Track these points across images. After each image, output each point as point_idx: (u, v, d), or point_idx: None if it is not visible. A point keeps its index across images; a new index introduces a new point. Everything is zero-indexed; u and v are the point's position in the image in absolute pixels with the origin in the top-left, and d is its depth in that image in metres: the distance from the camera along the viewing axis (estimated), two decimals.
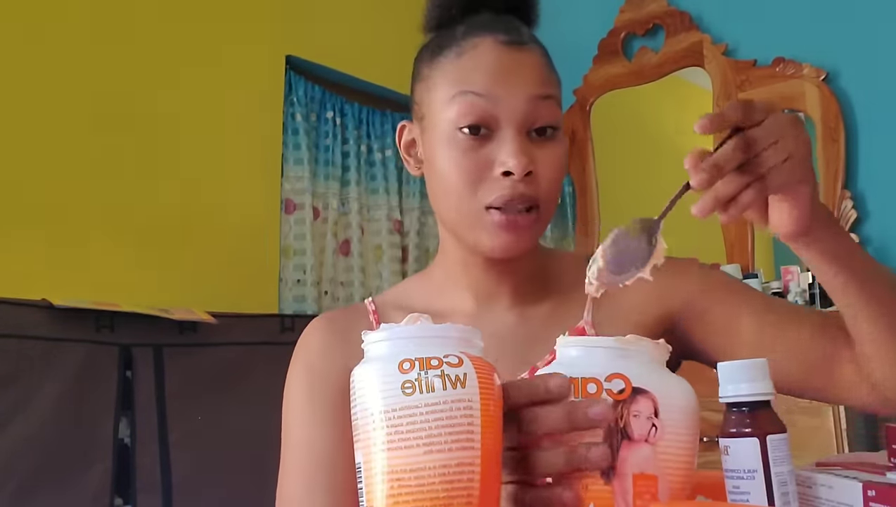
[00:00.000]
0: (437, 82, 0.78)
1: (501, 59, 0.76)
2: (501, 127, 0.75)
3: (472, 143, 0.75)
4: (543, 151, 0.76)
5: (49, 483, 1.83)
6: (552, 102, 0.77)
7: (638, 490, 0.49)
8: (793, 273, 2.45)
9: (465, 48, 0.77)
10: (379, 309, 0.87)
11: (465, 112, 0.74)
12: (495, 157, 0.74)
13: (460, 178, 0.75)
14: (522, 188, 0.73)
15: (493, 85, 0.74)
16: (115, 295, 2.13)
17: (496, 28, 0.78)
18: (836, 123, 2.54)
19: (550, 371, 0.54)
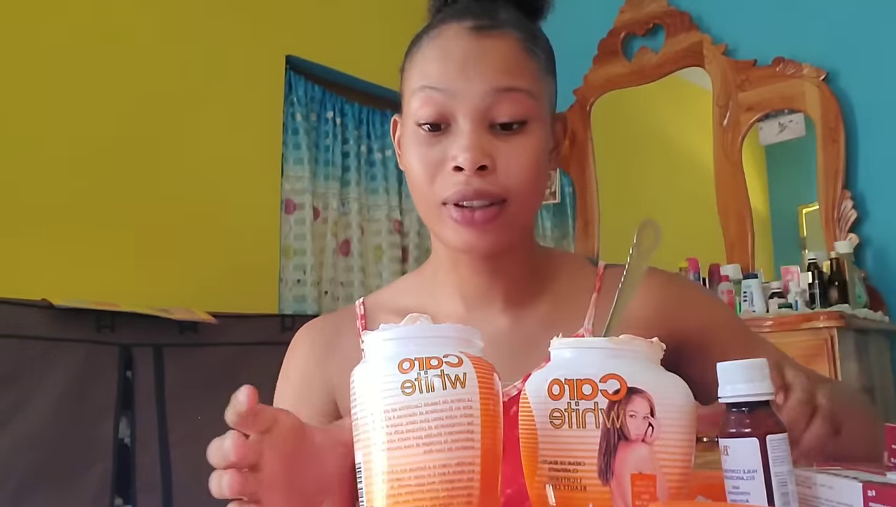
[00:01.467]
0: (408, 74, 0.76)
1: (462, 48, 0.72)
2: (458, 120, 0.71)
3: (432, 138, 0.72)
4: (508, 145, 0.71)
5: (49, 483, 1.83)
6: (519, 94, 0.71)
7: (636, 490, 0.49)
8: (793, 273, 2.45)
9: (432, 37, 0.74)
10: (368, 312, 0.85)
11: (423, 107, 0.72)
12: (449, 150, 0.71)
13: (421, 173, 0.73)
14: (477, 183, 0.70)
15: (450, 77, 0.71)
16: (116, 295, 2.13)
17: (467, 14, 0.74)
18: (836, 123, 2.53)
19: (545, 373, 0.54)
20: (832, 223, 2.51)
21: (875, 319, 2.27)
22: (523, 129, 0.72)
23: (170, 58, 2.52)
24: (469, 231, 0.72)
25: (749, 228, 2.72)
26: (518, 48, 0.73)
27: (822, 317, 2.10)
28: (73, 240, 2.21)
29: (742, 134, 2.76)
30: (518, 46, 0.73)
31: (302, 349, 0.85)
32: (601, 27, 3.14)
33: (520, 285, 0.80)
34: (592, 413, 0.50)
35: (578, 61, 3.15)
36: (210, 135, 2.59)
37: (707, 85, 2.87)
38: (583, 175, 3.18)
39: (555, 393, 0.52)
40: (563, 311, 0.80)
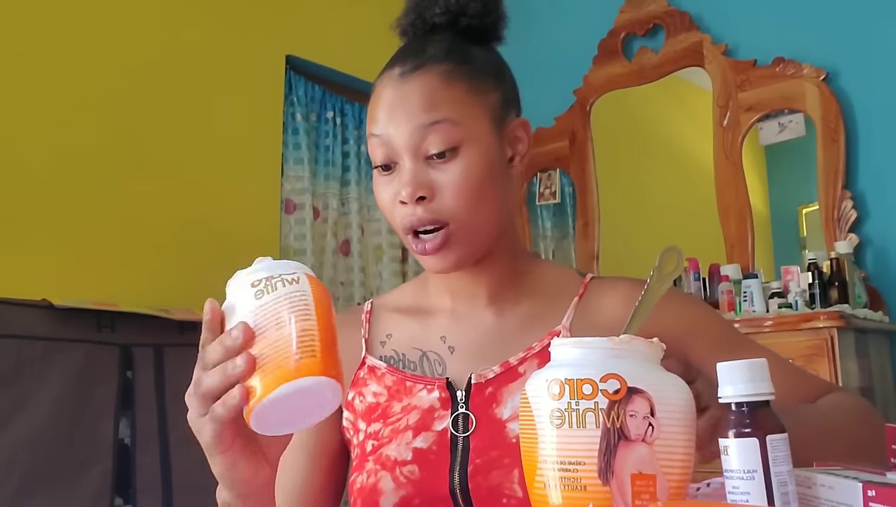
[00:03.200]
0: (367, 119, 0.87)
1: (391, 95, 0.81)
2: (400, 159, 0.80)
3: (385, 178, 0.82)
4: (443, 173, 0.79)
5: (49, 483, 1.83)
6: (441, 124, 0.79)
7: (636, 490, 0.49)
8: (792, 273, 2.45)
9: (374, 86, 0.85)
10: (374, 310, 0.94)
11: (373, 153, 0.82)
12: (397, 188, 0.81)
13: (384, 208, 0.83)
14: (420, 212, 0.79)
15: (385, 124, 0.80)
16: (116, 295, 2.13)
17: (397, 61, 0.83)
18: (837, 123, 2.53)
19: (545, 373, 0.54)
20: (832, 223, 2.51)
21: (875, 319, 2.27)
22: (455, 154, 0.79)
23: (170, 58, 2.52)
24: (428, 258, 0.81)
25: (749, 228, 2.72)
26: (437, 81, 0.80)
27: (822, 317, 2.10)
28: (73, 240, 2.21)
29: (742, 134, 2.76)
30: (437, 80, 0.81)
31: None
32: (601, 27, 3.14)
33: (503, 285, 0.88)
34: (593, 413, 0.50)
35: (578, 61, 3.15)
36: (210, 135, 2.60)
37: (707, 85, 2.87)
38: (583, 175, 3.18)
39: (555, 393, 0.52)
40: (543, 310, 0.86)
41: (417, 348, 0.87)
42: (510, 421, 0.77)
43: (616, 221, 3.16)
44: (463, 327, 0.87)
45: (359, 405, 0.86)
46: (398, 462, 0.79)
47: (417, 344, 0.87)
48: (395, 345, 0.89)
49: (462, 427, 0.79)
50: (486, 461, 0.76)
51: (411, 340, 0.88)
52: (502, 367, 0.81)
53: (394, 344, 0.89)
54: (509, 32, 0.93)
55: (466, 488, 0.76)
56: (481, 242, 0.83)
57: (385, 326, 0.91)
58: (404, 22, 0.89)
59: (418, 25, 0.87)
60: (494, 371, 0.81)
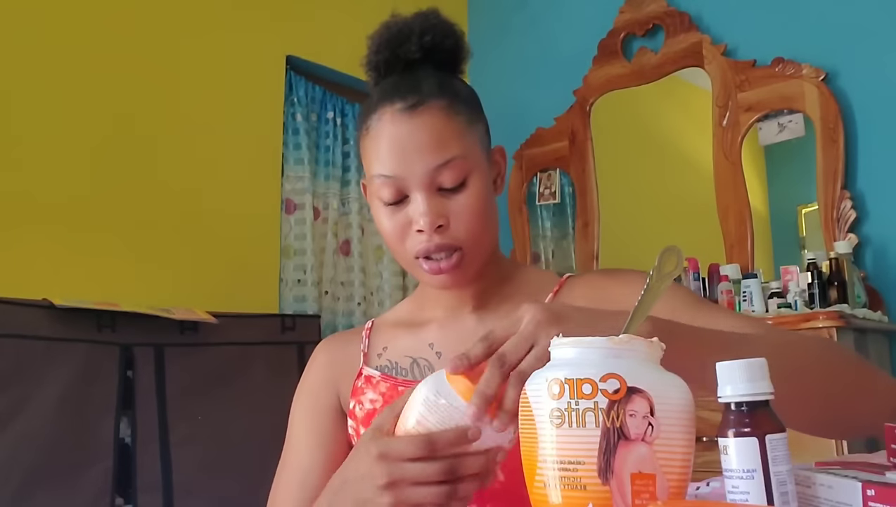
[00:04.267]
0: (364, 153, 0.91)
1: (398, 133, 0.85)
2: (413, 191, 0.86)
3: (394, 209, 0.87)
4: (455, 203, 0.86)
5: (50, 482, 1.83)
6: (454, 162, 0.85)
7: (636, 489, 0.49)
8: (792, 273, 2.45)
9: (372, 123, 0.87)
10: (374, 326, 1.02)
11: (382, 191, 0.87)
12: (412, 216, 0.86)
13: (391, 236, 0.88)
14: (438, 239, 0.85)
15: (395, 164, 0.85)
16: (116, 295, 2.13)
17: (395, 94, 0.86)
18: (836, 124, 2.54)
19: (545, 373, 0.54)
20: (831, 223, 2.51)
21: (874, 318, 2.27)
22: (465, 186, 0.86)
23: (170, 58, 2.53)
24: (440, 277, 0.88)
25: (748, 228, 2.72)
26: (440, 118, 0.86)
27: (821, 317, 2.10)
28: (73, 240, 2.21)
29: (741, 134, 2.76)
30: (440, 116, 0.86)
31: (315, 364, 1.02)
32: (601, 27, 3.15)
33: (487, 293, 0.95)
34: (592, 412, 0.51)
35: (578, 62, 3.15)
36: (211, 135, 2.60)
37: (707, 85, 2.87)
38: (583, 175, 3.18)
39: (555, 392, 0.52)
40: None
41: (409, 355, 0.95)
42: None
43: (616, 221, 3.16)
44: (449, 333, 0.94)
45: (359, 413, 0.93)
46: None
47: (409, 352, 0.95)
48: (390, 355, 0.96)
49: None
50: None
51: (404, 349, 0.96)
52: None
53: (388, 355, 0.96)
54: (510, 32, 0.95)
55: None
56: (484, 258, 0.91)
57: (382, 340, 0.99)
58: (376, 59, 0.92)
59: (392, 62, 0.91)
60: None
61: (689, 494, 0.57)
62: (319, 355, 1.02)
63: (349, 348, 1.00)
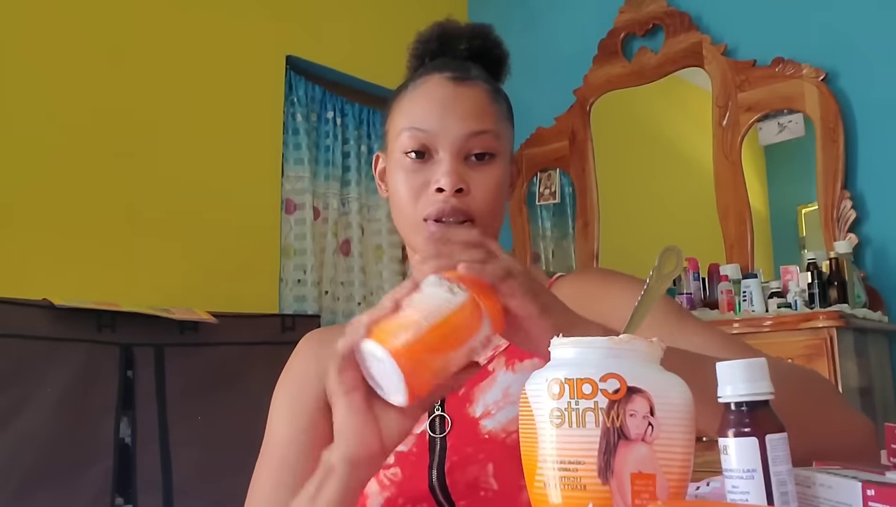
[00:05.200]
0: (394, 115, 0.91)
1: (442, 94, 0.86)
2: (440, 152, 0.85)
3: (416, 164, 0.86)
4: (479, 173, 0.86)
5: (50, 482, 1.83)
6: (488, 135, 0.86)
7: (636, 489, 0.49)
8: (792, 273, 2.45)
9: (417, 84, 0.89)
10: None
11: (409, 142, 0.86)
12: (432, 176, 0.85)
13: (405, 193, 0.86)
14: (454, 203, 0.83)
15: (433, 119, 0.85)
16: (116, 295, 2.13)
17: (446, 67, 0.89)
18: (836, 124, 2.54)
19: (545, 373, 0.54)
20: (831, 223, 2.51)
21: (874, 319, 2.27)
22: (491, 161, 0.87)
23: (170, 58, 2.53)
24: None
25: (748, 227, 2.72)
26: (485, 96, 0.88)
27: (821, 317, 2.10)
28: (73, 240, 2.21)
29: (741, 134, 2.77)
30: (485, 95, 0.88)
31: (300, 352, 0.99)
32: (601, 27, 3.15)
33: None
34: (592, 412, 0.51)
35: (578, 61, 3.15)
36: (211, 135, 2.60)
37: (707, 85, 2.87)
38: (583, 175, 3.18)
39: (555, 392, 0.52)
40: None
41: None
42: (482, 418, 0.82)
43: (616, 221, 3.16)
44: None
45: None
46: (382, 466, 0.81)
47: None
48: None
49: (439, 428, 0.84)
50: (461, 457, 0.81)
51: None
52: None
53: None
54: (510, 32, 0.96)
55: (444, 484, 0.80)
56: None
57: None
58: (423, 48, 0.94)
59: (437, 55, 0.93)
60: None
61: (689, 494, 0.57)
62: (304, 347, 0.99)
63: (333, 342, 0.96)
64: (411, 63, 0.95)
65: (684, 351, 0.66)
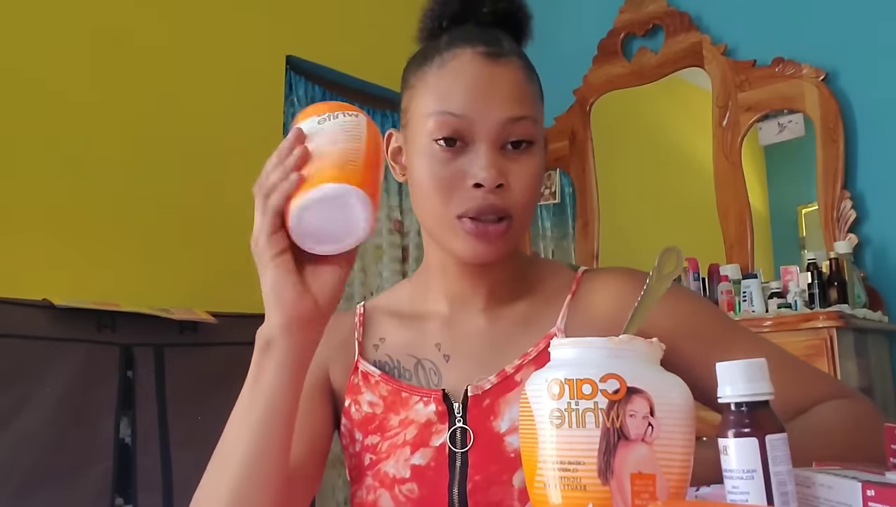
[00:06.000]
0: (419, 93, 0.81)
1: (479, 75, 0.78)
2: (475, 141, 0.77)
3: (447, 154, 0.77)
4: (517, 165, 0.78)
5: (50, 482, 1.83)
6: (527, 121, 0.78)
7: (636, 489, 0.49)
8: (792, 273, 2.45)
9: (446, 59, 0.79)
10: (367, 313, 0.92)
11: (441, 128, 0.77)
12: (468, 169, 0.77)
13: (435, 187, 0.78)
14: (493, 199, 0.76)
15: (469, 105, 0.77)
16: (116, 295, 2.13)
17: (477, 39, 0.80)
18: (836, 124, 2.54)
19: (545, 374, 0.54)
20: (831, 223, 2.51)
21: (874, 319, 2.27)
22: (529, 149, 0.79)
23: (170, 57, 2.52)
24: (481, 244, 0.77)
25: (748, 228, 2.72)
26: (522, 76, 0.81)
27: (821, 317, 2.10)
28: (73, 240, 2.21)
29: (741, 134, 2.76)
30: (522, 74, 0.81)
31: None
32: (601, 27, 3.14)
33: (500, 289, 0.86)
34: (592, 413, 0.51)
35: (578, 61, 3.15)
36: (210, 134, 2.59)
37: (707, 85, 2.87)
38: (583, 175, 3.18)
39: (555, 393, 0.52)
40: (537, 312, 0.85)
41: (412, 354, 0.85)
42: (507, 434, 0.76)
43: (616, 221, 3.16)
44: (458, 333, 0.85)
45: (355, 414, 0.85)
46: (397, 480, 0.78)
47: (412, 351, 0.85)
48: (390, 350, 0.86)
49: (460, 442, 0.78)
50: (485, 476, 0.75)
51: (406, 346, 0.86)
52: (498, 376, 0.79)
53: (388, 349, 0.87)
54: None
55: (466, 504, 0.75)
56: (520, 240, 0.83)
57: (379, 329, 0.89)
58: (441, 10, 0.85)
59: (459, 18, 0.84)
60: (491, 382, 0.79)
61: (689, 494, 0.57)
62: None
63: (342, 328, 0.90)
64: (426, 25, 0.86)
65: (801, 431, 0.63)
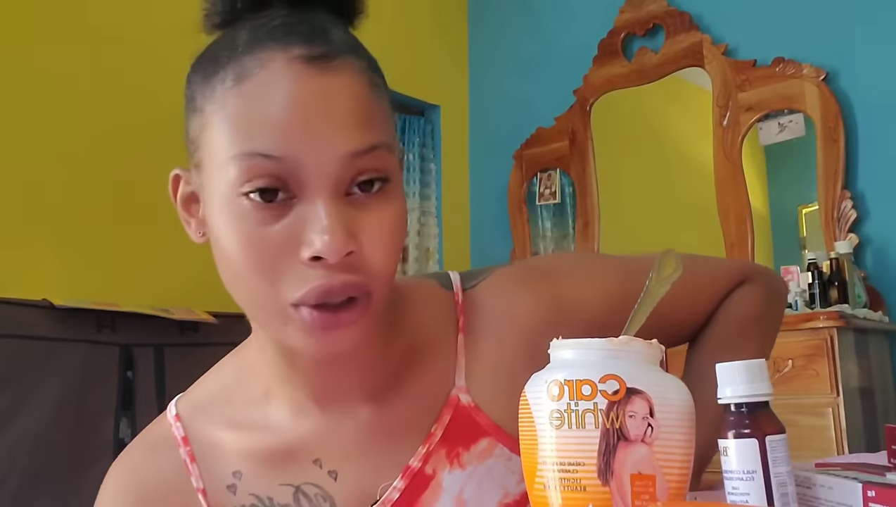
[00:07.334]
0: (212, 122, 0.55)
1: (300, 93, 0.52)
2: (305, 190, 0.53)
3: (266, 213, 0.53)
4: (369, 216, 0.54)
5: (50, 483, 1.83)
6: (379, 151, 0.54)
7: (636, 490, 0.49)
8: (792, 273, 2.45)
9: (247, 69, 0.53)
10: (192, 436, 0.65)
11: (250, 176, 0.52)
12: (300, 233, 0.52)
13: (253, 264, 0.53)
14: (343, 276, 0.53)
15: (289, 141, 0.52)
16: (116, 295, 2.13)
17: (291, 35, 0.54)
18: (836, 123, 2.54)
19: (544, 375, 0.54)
20: (832, 223, 2.51)
21: (875, 319, 2.27)
22: (385, 188, 0.55)
23: (169, 57, 2.52)
24: (327, 336, 0.54)
25: (749, 227, 2.72)
26: (365, 85, 0.56)
27: (821, 317, 2.10)
28: (73, 240, 2.21)
29: (742, 134, 2.76)
30: (365, 82, 0.56)
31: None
32: (601, 27, 3.15)
33: (376, 363, 0.63)
34: (592, 414, 0.50)
35: (578, 61, 3.15)
36: None
37: (707, 85, 2.87)
38: (583, 175, 3.18)
39: (554, 394, 0.52)
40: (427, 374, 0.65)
41: (286, 482, 0.62)
42: None
43: (616, 221, 3.16)
44: (339, 439, 0.63)
45: None
46: None
47: (284, 477, 0.62)
48: (252, 486, 0.62)
49: None
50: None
51: (273, 471, 0.62)
52: (405, 477, 0.62)
53: (249, 485, 0.62)
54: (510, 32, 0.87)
55: None
56: (383, 308, 0.58)
57: (224, 458, 0.63)
58: None
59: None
60: (399, 488, 0.62)
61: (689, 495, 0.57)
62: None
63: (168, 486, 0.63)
64: (213, 9, 0.61)
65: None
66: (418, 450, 0.62)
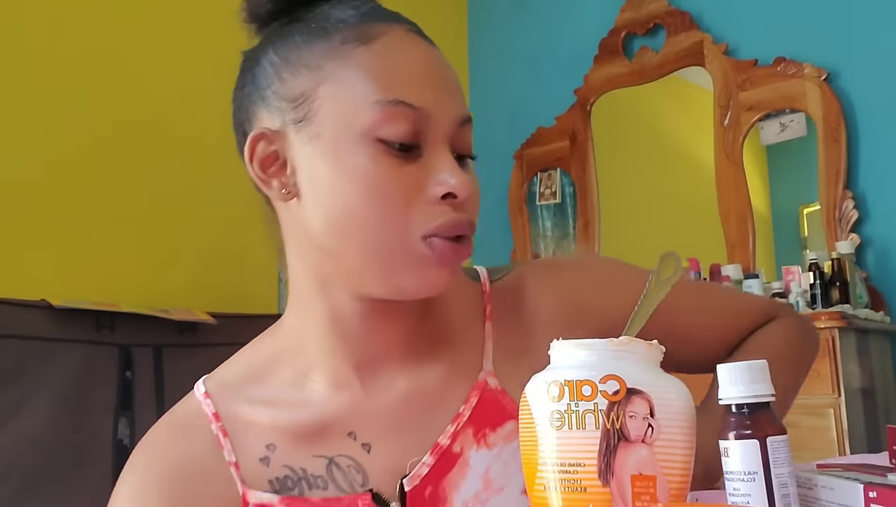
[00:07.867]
0: (337, 76, 0.59)
1: (431, 59, 0.62)
2: (431, 143, 0.60)
3: (396, 157, 0.59)
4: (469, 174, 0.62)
5: (49, 483, 1.83)
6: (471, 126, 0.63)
7: (636, 491, 0.49)
8: (794, 273, 2.45)
9: (372, 34, 0.60)
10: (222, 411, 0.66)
11: (394, 123, 0.58)
12: (427, 177, 0.59)
13: (383, 202, 0.58)
14: (465, 215, 0.60)
15: (429, 96, 0.59)
16: (115, 295, 2.13)
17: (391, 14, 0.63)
18: (838, 123, 2.53)
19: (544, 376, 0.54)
20: (833, 223, 2.51)
21: (876, 319, 2.27)
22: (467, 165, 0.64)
23: (169, 57, 2.52)
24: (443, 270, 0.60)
25: (750, 228, 2.72)
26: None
27: (823, 317, 2.10)
28: (73, 240, 2.21)
29: (743, 134, 2.76)
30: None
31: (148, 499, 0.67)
32: (601, 27, 3.14)
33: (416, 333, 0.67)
34: (592, 414, 0.50)
35: (579, 61, 3.15)
36: (210, 134, 2.59)
37: (708, 85, 2.86)
38: (583, 175, 3.18)
39: (554, 395, 0.52)
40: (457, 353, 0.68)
41: (319, 454, 0.63)
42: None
43: (616, 221, 3.16)
44: (375, 410, 0.65)
45: None
46: None
47: (318, 449, 0.63)
48: (286, 458, 0.63)
49: None
50: None
51: (307, 444, 0.63)
52: (434, 454, 0.64)
53: (283, 457, 0.63)
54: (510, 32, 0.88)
55: None
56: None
57: (257, 433, 0.64)
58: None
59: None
60: (428, 464, 0.63)
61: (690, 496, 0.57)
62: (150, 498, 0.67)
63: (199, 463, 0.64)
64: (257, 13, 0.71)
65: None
66: (447, 428, 0.64)
